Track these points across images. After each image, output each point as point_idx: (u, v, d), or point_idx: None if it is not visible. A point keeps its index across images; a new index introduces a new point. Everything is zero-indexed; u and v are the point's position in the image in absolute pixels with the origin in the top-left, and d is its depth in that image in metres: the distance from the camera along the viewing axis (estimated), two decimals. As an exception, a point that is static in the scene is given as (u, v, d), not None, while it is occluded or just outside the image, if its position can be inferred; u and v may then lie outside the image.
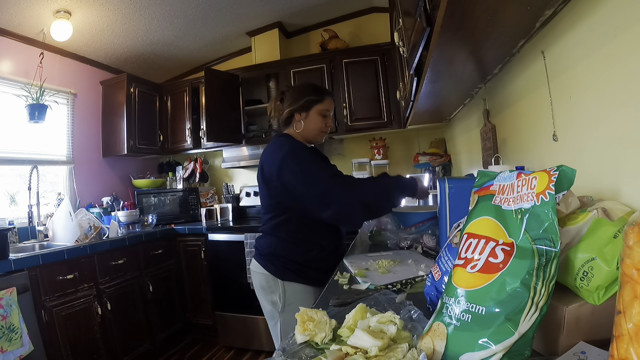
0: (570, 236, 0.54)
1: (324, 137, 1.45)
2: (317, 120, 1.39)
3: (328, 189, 1.22)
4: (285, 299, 1.32)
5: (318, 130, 1.40)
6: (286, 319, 1.32)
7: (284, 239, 1.35)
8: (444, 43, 0.88)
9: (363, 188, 1.26)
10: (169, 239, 2.86)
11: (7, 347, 1.59)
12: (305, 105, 1.38)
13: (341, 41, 3.08)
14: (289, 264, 1.33)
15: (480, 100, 1.57)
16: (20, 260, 1.77)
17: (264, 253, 1.38)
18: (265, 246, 1.39)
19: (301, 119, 1.39)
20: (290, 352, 0.59)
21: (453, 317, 0.50)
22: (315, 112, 1.38)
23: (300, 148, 1.32)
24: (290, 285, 1.32)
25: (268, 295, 1.36)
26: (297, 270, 1.33)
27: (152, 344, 2.55)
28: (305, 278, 1.33)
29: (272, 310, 1.36)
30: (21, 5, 2.26)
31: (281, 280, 1.32)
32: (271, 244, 1.38)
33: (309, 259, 1.33)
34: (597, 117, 0.75)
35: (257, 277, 1.39)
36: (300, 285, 1.32)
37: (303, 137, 1.41)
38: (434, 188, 2.48)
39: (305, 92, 1.39)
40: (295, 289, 1.32)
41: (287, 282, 1.32)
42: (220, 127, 2.96)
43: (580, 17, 0.76)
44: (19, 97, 2.44)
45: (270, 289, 1.35)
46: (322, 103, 1.39)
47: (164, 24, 2.83)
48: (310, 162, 1.28)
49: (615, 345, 0.39)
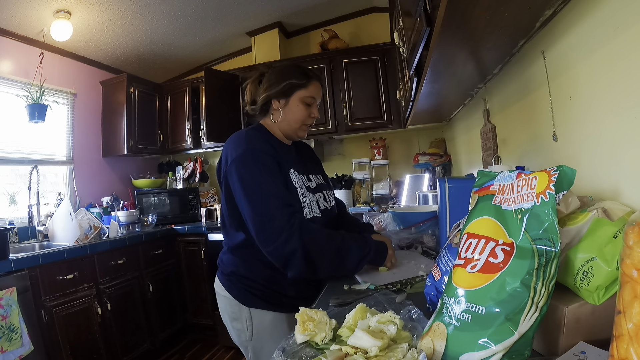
0: (570, 236, 0.54)
1: (306, 132, 1.19)
2: (299, 109, 1.13)
3: (270, 220, 0.97)
4: (252, 328, 1.10)
5: (299, 122, 1.15)
6: (256, 348, 1.11)
7: (247, 258, 1.10)
8: (444, 43, 0.88)
9: (315, 235, 0.98)
10: (169, 239, 2.86)
11: (7, 347, 1.59)
12: (285, 91, 1.12)
13: (341, 41, 3.08)
14: (254, 288, 1.10)
15: (480, 100, 1.57)
16: (20, 260, 1.77)
17: (226, 272, 1.15)
18: (227, 263, 1.15)
19: (280, 107, 1.14)
20: (290, 352, 0.59)
21: (453, 317, 0.50)
22: (297, 99, 1.13)
23: (261, 152, 1.04)
24: (257, 313, 1.09)
25: (233, 321, 1.13)
26: (264, 295, 1.09)
27: (152, 344, 2.55)
28: (274, 304, 1.09)
29: (239, 339, 1.14)
30: (21, 5, 2.26)
31: (246, 306, 1.10)
32: (232, 261, 1.14)
33: (277, 282, 1.09)
34: (597, 117, 0.75)
35: (220, 299, 1.17)
36: (269, 312, 1.09)
37: (281, 130, 1.17)
38: (434, 188, 2.48)
39: (287, 75, 1.13)
40: (264, 318, 1.09)
41: (253, 309, 1.10)
42: (220, 127, 2.96)
43: (580, 17, 0.76)
44: (19, 97, 2.44)
45: (234, 314, 1.12)
46: (306, 89, 1.13)
47: (164, 24, 2.83)
48: (264, 177, 1.01)
49: (615, 345, 0.39)
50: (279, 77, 1.14)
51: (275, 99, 1.14)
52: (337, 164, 3.31)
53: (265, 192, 0.99)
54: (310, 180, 1.18)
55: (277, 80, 1.14)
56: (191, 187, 3.39)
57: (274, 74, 1.16)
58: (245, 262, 1.11)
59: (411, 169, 3.02)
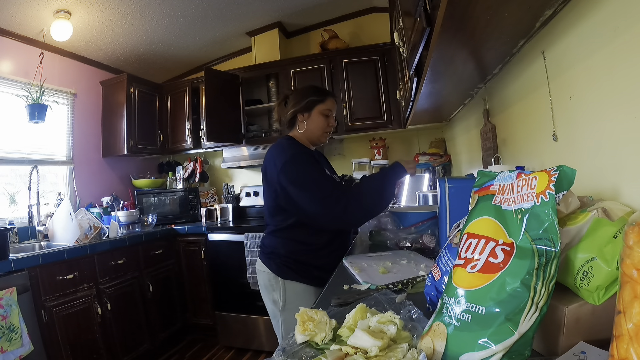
0: (570, 236, 0.54)
1: (327, 137, 1.48)
2: (320, 120, 1.42)
3: (329, 195, 1.25)
4: (285, 298, 1.34)
5: (321, 130, 1.43)
6: (287, 318, 1.34)
7: (286, 239, 1.38)
8: (444, 43, 0.88)
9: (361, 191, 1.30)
10: (169, 239, 2.86)
11: (7, 347, 1.59)
12: (308, 106, 1.41)
13: (341, 41, 3.08)
14: (289, 263, 1.36)
15: (480, 100, 1.57)
16: (20, 260, 1.77)
17: (266, 252, 1.42)
18: (268, 245, 1.43)
19: (304, 120, 1.43)
20: (290, 352, 0.59)
21: (453, 317, 0.50)
22: (317, 112, 1.42)
23: (302, 154, 1.34)
24: (290, 284, 1.35)
25: (270, 293, 1.39)
26: (297, 269, 1.35)
27: (152, 344, 2.55)
28: (305, 277, 1.35)
29: (274, 309, 1.39)
30: (21, 5, 2.26)
31: (282, 278, 1.35)
32: (273, 243, 1.41)
33: (310, 257, 1.36)
34: (597, 117, 0.75)
35: (261, 275, 1.43)
36: (300, 284, 1.35)
37: (307, 138, 1.45)
38: (434, 188, 2.48)
39: (307, 94, 1.43)
40: (296, 288, 1.35)
41: (287, 280, 1.35)
42: (220, 127, 2.96)
43: (580, 17, 0.76)
44: (19, 97, 2.44)
45: (272, 287, 1.38)
46: (324, 103, 1.42)
47: (164, 24, 2.83)
48: (311, 169, 1.30)
49: (615, 345, 0.39)
50: (302, 95, 1.43)
51: (300, 113, 1.42)
52: (337, 164, 3.31)
53: (317, 180, 1.28)
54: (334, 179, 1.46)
55: (300, 99, 1.42)
56: (191, 187, 3.39)
57: (297, 94, 1.45)
58: (285, 242, 1.38)
59: (411, 169, 3.02)
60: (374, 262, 1.19)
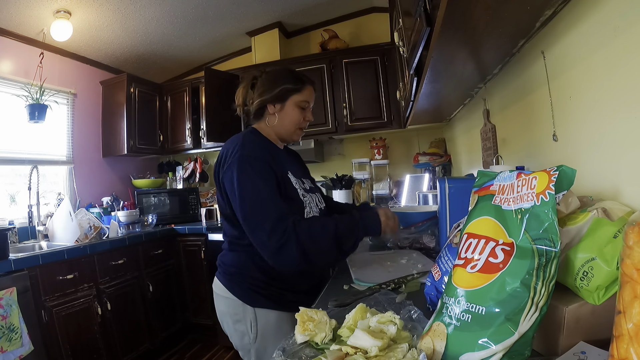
0: (570, 236, 0.54)
1: (300, 135, 1.22)
2: (294, 113, 1.15)
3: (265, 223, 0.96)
4: (257, 329, 1.07)
5: (295, 125, 1.17)
6: (259, 350, 1.08)
7: (254, 254, 1.05)
8: (444, 43, 0.88)
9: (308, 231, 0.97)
10: (169, 239, 2.86)
11: (7, 347, 1.59)
12: (280, 96, 1.14)
13: (341, 41, 3.08)
14: (258, 286, 1.08)
15: (480, 100, 1.57)
16: (20, 260, 1.77)
17: (228, 272, 1.13)
18: (230, 264, 1.13)
19: (275, 112, 1.16)
20: (290, 352, 0.59)
21: (453, 317, 0.50)
22: (292, 104, 1.15)
23: (257, 160, 1.03)
24: (262, 313, 1.07)
25: (235, 324, 1.10)
26: (269, 293, 1.08)
27: (152, 343, 2.55)
28: (279, 303, 1.08)
29: (242, 343, 1.11)
30: (21, 5, 2.26)
31: (251, 306, 1.08)
32: (236, 260, 1.12)
33: (283, 278, 1.08)
34: (597, 117, 0.75)
35: (221, 301, 1.13)
36: (274, 312, 1.08)
37: (276, 133, 1.19)
38: (434, 188, 2.48)
39: (281, 80, 1.15)
40: (269, 318, 1.08)
41: (258, 308, 1.08)
42: (220, 127, 2.96)
43: (580, 17, 0.76)
44: (19, 97, 2.44)
45: (237, 316, 1.09)
46: (301, 93, 1.15)
47: (164, 24, 2.83)
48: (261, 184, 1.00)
49: (615, 345, 0.39)
50: (274, 82, 1.15)
51: (271, 103, 1.15)
52: (337, 164, 3.31)
53: (259, 197, 0.99)
54: (304, 183, 1.19)
55: (271, 86, 1.14)
56: (191, 187, 3.39)
57: (268, 79, 1.16)
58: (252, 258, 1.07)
59: (411, 169, 3.02)
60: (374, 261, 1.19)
